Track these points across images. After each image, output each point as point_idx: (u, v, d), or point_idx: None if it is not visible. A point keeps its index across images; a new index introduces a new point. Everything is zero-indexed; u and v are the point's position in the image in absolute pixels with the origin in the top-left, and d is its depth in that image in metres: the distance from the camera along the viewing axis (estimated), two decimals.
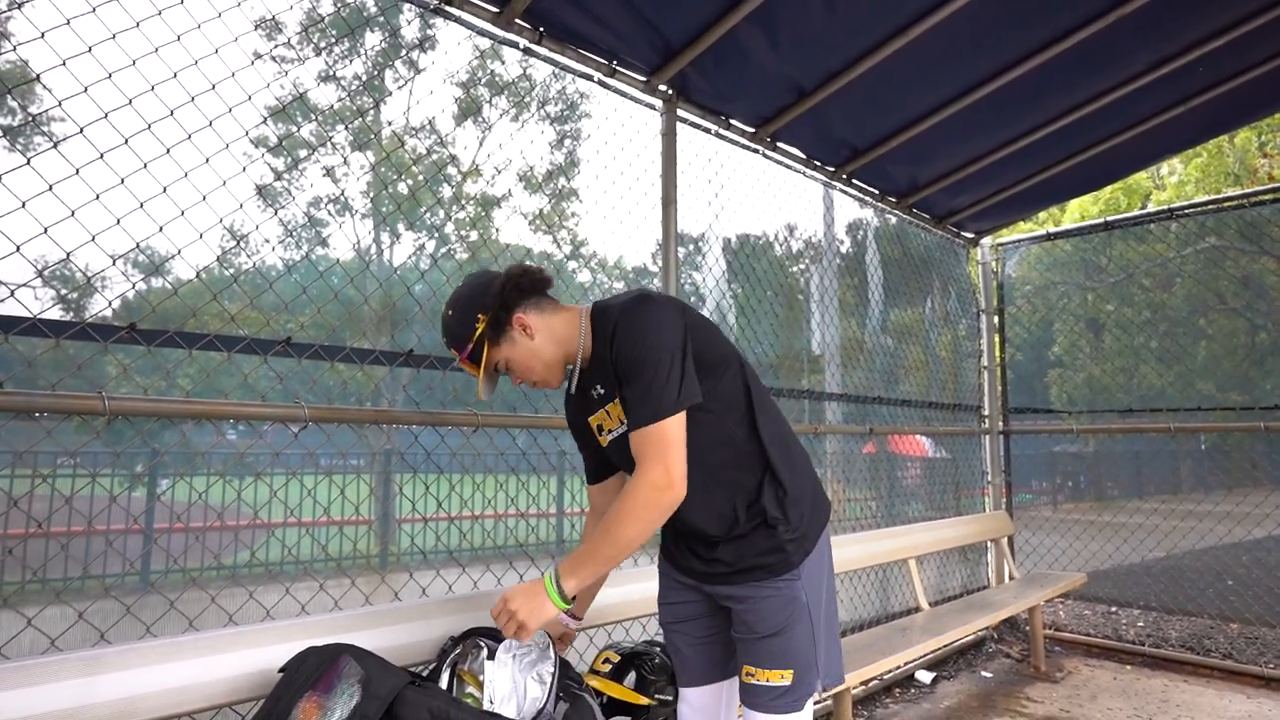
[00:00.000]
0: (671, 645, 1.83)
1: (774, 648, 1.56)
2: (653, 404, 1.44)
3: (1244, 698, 3.78)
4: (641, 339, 1.47)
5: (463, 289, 1.63)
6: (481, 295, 1.58)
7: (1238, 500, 5.01)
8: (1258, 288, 8.03)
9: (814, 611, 1.59)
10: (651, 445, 1.44)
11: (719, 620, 1.74)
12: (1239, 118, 4.18)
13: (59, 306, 5.47)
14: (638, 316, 1.50)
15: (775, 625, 1.56)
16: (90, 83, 1.66)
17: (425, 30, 11.45)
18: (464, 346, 1.59)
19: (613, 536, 1.46)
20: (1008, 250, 5.48)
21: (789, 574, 1.57)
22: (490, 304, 1.57)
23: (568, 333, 1.62)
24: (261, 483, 5.98)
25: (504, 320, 1.58)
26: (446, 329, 1.62)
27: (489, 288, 1.59)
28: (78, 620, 1.71)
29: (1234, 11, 3.13)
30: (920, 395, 4.88)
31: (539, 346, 1.61)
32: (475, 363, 1.60)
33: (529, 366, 1.62)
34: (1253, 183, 12.77)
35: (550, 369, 1.64)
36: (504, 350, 1.60)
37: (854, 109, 3.44)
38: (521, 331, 1.59)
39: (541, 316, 1.62)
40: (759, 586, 1.58)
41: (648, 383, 1.45)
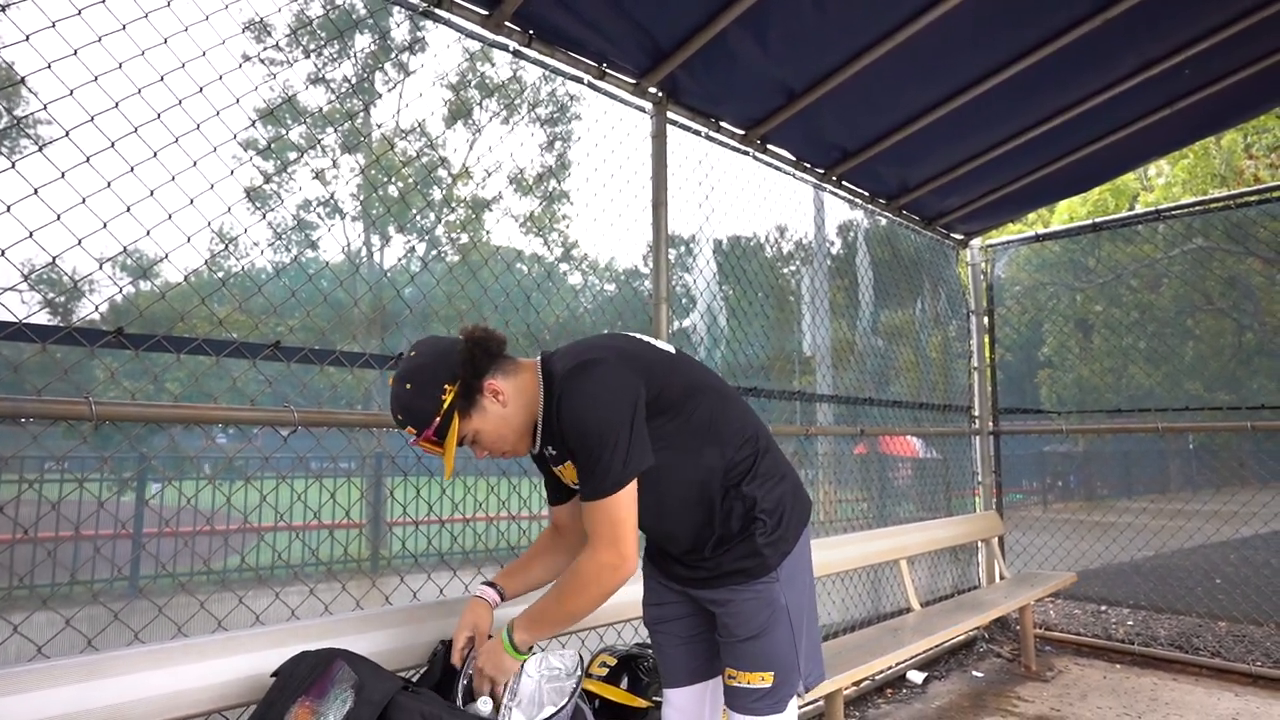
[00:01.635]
0: (656, 646, 1.83)
1: (754, 650, 1.56)
2: (599, 480, 1.41)
3: (1232, 695, 3.81)
4: (585, 415, 1.41)
5: (417, 358, 1.48)
6: (445, 362, 1.45)
7: (1225, 499, 5.06)
8: (1244, 288, 8.11)
9: (794, 613, 1.60)
10: (601, 524, 1.43)
11: (702, 621, 1.74)
12: (1225, 119, 4.23)
13: (46, 311, 5.43)
14: (582, 391, 1.42)
15: (755, 628, 1.56)
16: (76, 85, 1.65)
17: (415, 33, 11.43)
18: (428, 422, 1.44)
19: (564, 605, 1.50)
20: (997, 251, 5.51)
21: (766, 577, 1.57)
22: (459, 370, 1.45)
23: (533, 393, 1.53)
24: (251, 487, 5.94)
25: (475, 387, 1.47)
26: (403, 406, 1.45)
27: (451, 354, 1.46)
28: (65, 627, 1.70)
29: (1220, 14, 3.16)
30: (911, 396, 4.90)
31: (511, 414, 1.51)
32: (441, 439, 1.46)
33: (501, 436, 1.52)
34: (1239, 184, 12.89)
35: (521, 437, 1.55)
36: (474, 422, 1.48)
37: (844, 111, 3.46)
38: (494, 399, 1.49)
39: (508, 379, 1.52)
40: (738, 590, 1.58)
41: (594, 460, 1.40)
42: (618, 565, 1.44)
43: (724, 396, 1.62)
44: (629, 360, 1.50)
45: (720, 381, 1.67)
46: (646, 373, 1.49)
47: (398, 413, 1.47)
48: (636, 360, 1.51)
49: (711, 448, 1.56)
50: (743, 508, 1.57)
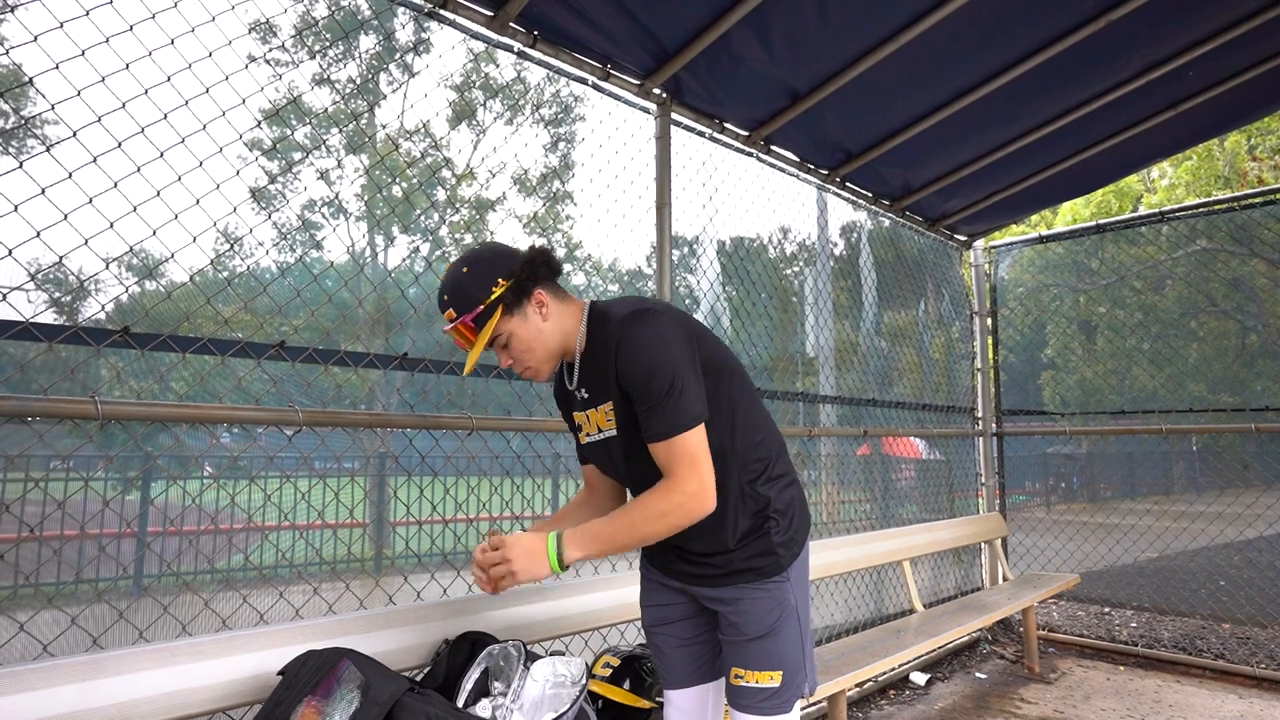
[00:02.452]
0: (654, 647, 1.80)
1: (763, 649, 1.55)
2: (676, 416, 1.42)
3: (1236, 698, 3.80)
4: (650, 355, 1.43)
5: (479, 251, 1.53)
6: (506, 260, 1.51)
7: (1229, 501, 5.05)
8: (1248, 290, 8.08)
9: (801, 615, 1.59)
10: (682, 457, 1.42)
11: (704, 622, 1.72)
12: (1229, 122, 4.21)
13: (52, 310, 5.43)
14: (643, 333, 1.45)
15: (764, 627, 1.55)
16: (83, 86, 1.66)
17: (419, 33, 11.45)
18: (471, 307, 1.47)
19: (635, 529, 1.44)
20: (1000, 253, 5.51)
21: (778, 576, 1.57)
22: (516, 270, 1.50)
23: (572, 326, 1.57)
24: (255, 486, 5.96)
25: (527, 291, 1.51)
26: (453, 285, 1.48)
27: (513, 256, 1.52)
28: (70, 625, 1.71)
29: (1223, 16, 3.15)
30: (914, 397, 4.90)
31: (548, 331, 1.54)
32: (478, 328, 1.48)
33: (530, 348, 1.54)
34: (1242, 186, 12.86)
35: (549, 358, 1.57)
36: (514, 323, 1.51)
37: (847, 113, 3.46)
38: (537, 309, 1.53)
39: (556, 301, 1.56)
40: (748, 589, 1.57)
41: (664, 396, 1.41)
42: (701, 494, 1.42)
43: (748, 387, 1.64)
44: (680, 320, 1.53)
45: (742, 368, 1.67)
46: (695, 336, 1.52)
47: (446, 291, 1.49)
48: (686, 322, 1.54)
49: (733, 430, 1.56)
50: (755, 505, 1.56)
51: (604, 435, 1.58)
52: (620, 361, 1.45)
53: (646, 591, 1.81)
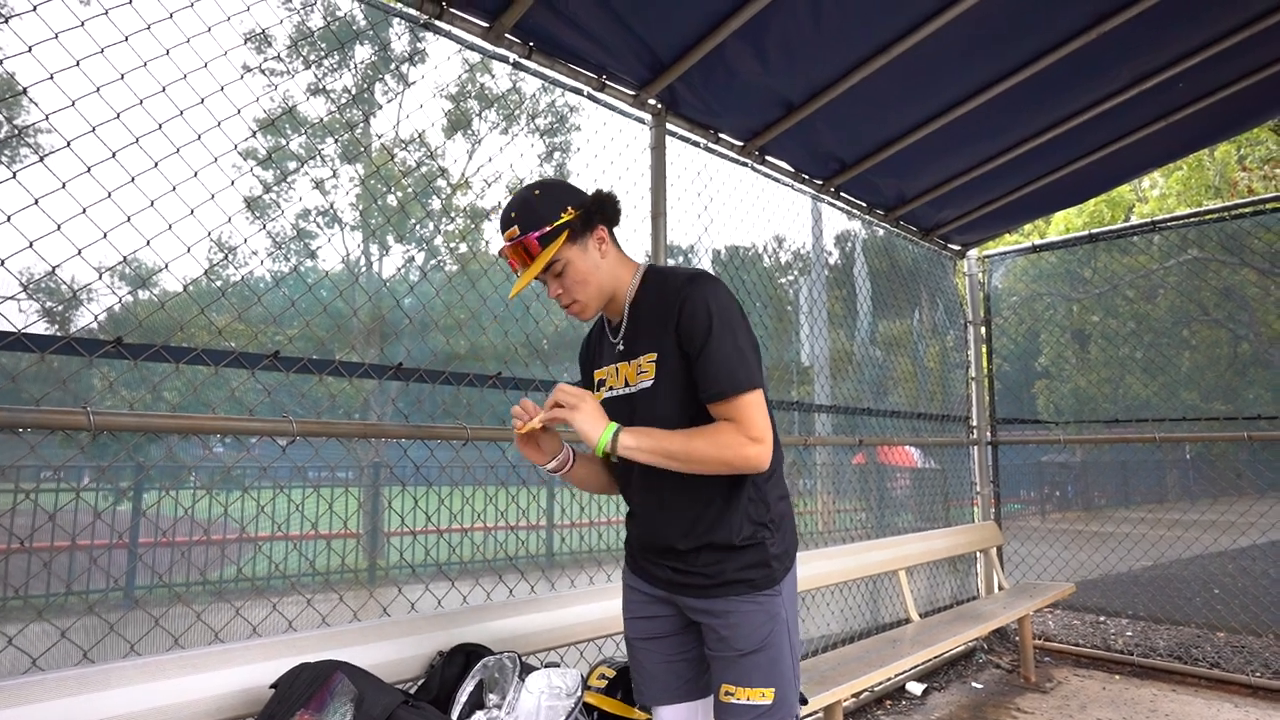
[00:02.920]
0: (635, 662, 1.71)
1: (755, 665, 1.50)
2: (747, 373, 1.43)
3: (1231, 706, 3.80)
4: (725, 311, 1.45)
5: (551, 179, 1.56)
6: (574, 192, 1.54)
7: (1223, 509, 5.06)
8: (1239, 299, 8.14)
9: (792, 631, 1.56)
10: (750, 410, 1.42)
11: (690, 638, 1.66)
12: (1219, 132, 4.25)
13: (44, 320, 5.41)
14: (717, 292, 1.48)
15: (756, 641, 1.50)
16: (78, 96, 1.66)
17: (415, 44, 11.49)
18: (538, 227, 1.47)
19: (691, 448, 1.42)
20: (994, 262, 5.53)
21: (770, 590, 1.53)
22: (586, 203, 1.52)
23: (625, 276, 1.59)
24: (248, 497, 5.93)
25: (592, 224, 1.53)
26: (523, 204, 1.49)
27: (581, 192, 1.55)
28: (60, 639, 1.69)
29: (1213, 28, 3.19)
30: (909, 406, 4.90)
31: (604, 269, 1.55)
32: (541, 247, 1.47)
33: (584, 281, 1.53)
34: (1233, 195, 12.97)
35: (599, 295, 1.56)
36: (574, 252, 1.51)
37: (841, 123, 3.48)
38: (598, 245, 1.54)
39: (614, 247, 1.59)
40: (739, 601, 1.52)
41: (734, 351, 1.43)
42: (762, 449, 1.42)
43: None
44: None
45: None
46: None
47: (513, 209, 1.49)
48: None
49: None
50: (758, 509, 1.54)
51: (631, 390, 1.56)
52: (689, 312, 1.45)
53: (630, 603, 1.73)
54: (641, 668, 1.69)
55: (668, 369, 1.51)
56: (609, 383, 1.62)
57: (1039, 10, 2.95)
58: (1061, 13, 2.99)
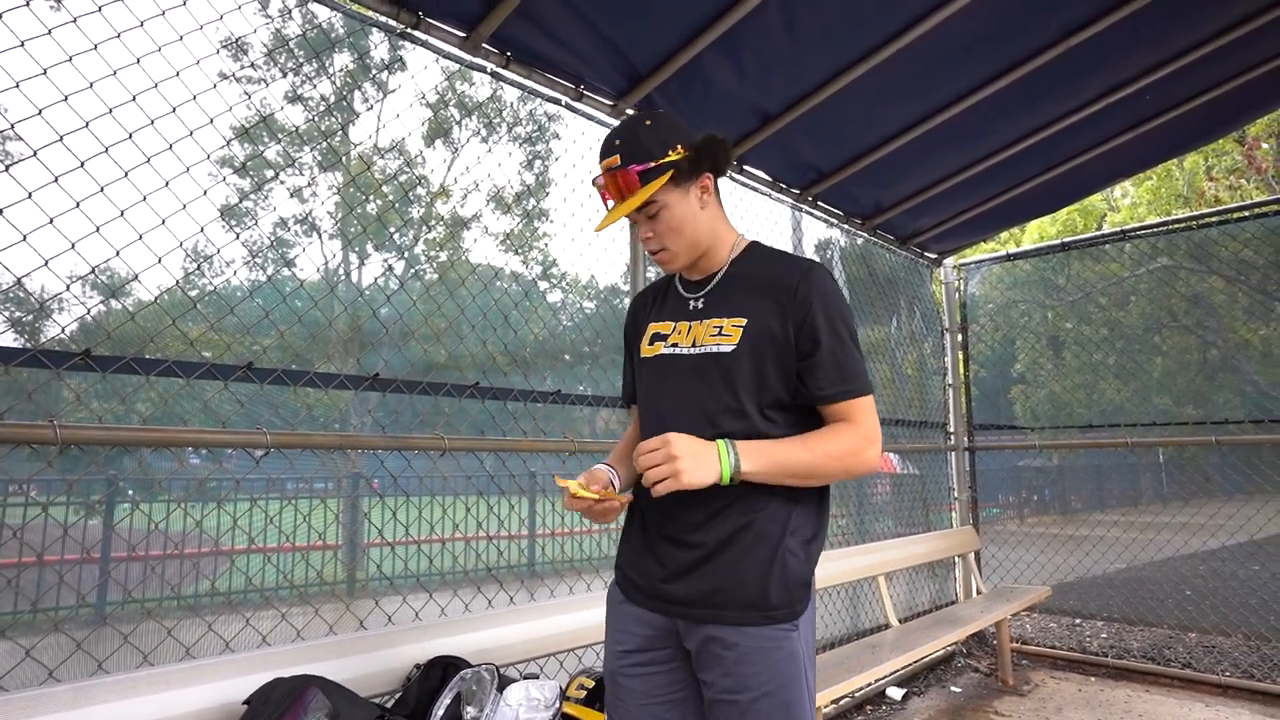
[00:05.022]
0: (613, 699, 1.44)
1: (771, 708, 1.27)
2: (863, 379, 1.37)
3: (1203, 706, 3.86)
4: (846, 309, 1.39)
5: (665, 114, 1.43)
6: (689, 132, 1.40)
7: (1193, 512, 5.15)
8: (1207, 306, 8.32)
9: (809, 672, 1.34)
10: (870, 411, 1.36)
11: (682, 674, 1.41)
12: (1186, 143, 4.35)
13: (11, 331, 5.30)
14: (837, 287, 1.40)
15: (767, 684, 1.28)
16: (45, 105, 1.63)
17: (393, 52, 11.46)
18: (642, 160, 1.34)
19: (814, 459, 1.31)
20: (970, 270, 5.61)
21: (788, 624, 1.31)
22: (698, 145, 1.38)
23: (724, 236, 1.48)
24: (223, 510, 5.84)
25: (700, 169, 1.39)
26: (630, 133, 1.37)
27: (696, 134, 1.40)
28: (25, 658, 1.65)
29: (1176, 43, 3.26)
30: (888, 413, 4.94)
31: (702, 220, 1.42)
32: (638, 184, 1.34)
33: (678, 230, 1.40)
34: (1200, 204, 13.26)
35: (691, 248, 1.44)
36: (676, 195, 1.38)
37: (818, 133, 3.51)
38: (701, 194, 1.42)
39: (717, 201, 1.48)
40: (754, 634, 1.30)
41: (855, 351, 1.38)
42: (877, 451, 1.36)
43: None
44: None
45: None
46: None
47: (619, 136, 1.38)
48: None
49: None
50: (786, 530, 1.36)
51: (698, 350, 1.40)
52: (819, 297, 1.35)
53: (619, 628, 1.46)
54: (621, 705, 1.42)
55: (755, 340, 1.36)
56: (671, 338, 1.45)
57: (1010, 24, 3.01)
58: (1032, 27, 3.05)
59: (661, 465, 1.22)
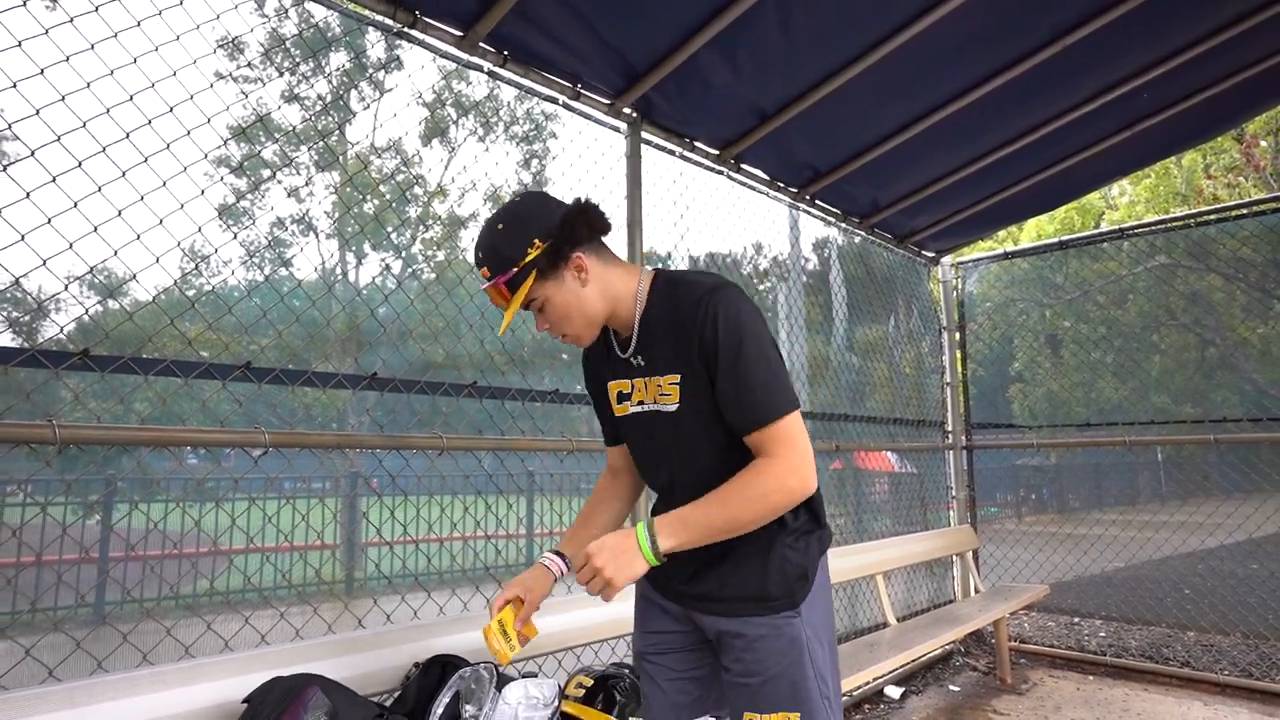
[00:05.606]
0: (645, 676, 1.64)
1: (776, 690, 1.40)
2: (777, 398, 1.33)
3: (1201, 704, 3.87)
4: (751, 331, 1.34)
5: (518, 205, 1.40)
6: (544, 217, 1.37)
7: (1192, 510, 5.16)
8: (1205, 304, 8.33)
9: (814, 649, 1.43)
10: (785, 437, 1.32)
11: (704, 656, 1.58)
12: (1183, 141, 4.35)
13: (9, 331, 5.29)
14: (742, 307, 1.36)
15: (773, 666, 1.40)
16: (42, 105, 1.63)
17: (390, 51, 11.45)
18: (505, 269, 1.34)
19: (731, 513, 1.32)
20: (967, 268, 5.61)
21: (789, 611, 1.42)
22: (554, 230, 1.36)
23: (624, 291, 1.45)
24: (221, 510, 5.84)
25: (563, 253, 1.38)
26: (488, 244, 1.37)
27: (552, 212, 1.38)
28: (24, 657, 1.65)
29: (1171, 42, 3.27)
30: (885, 412, 4.95)
31: (589, 297, 1.42)
32: (511, 291, 1.36)
33: (568, 316, 1.42)
34: (1199, 202, 13.27)
35: (590, 325, 1.44)
36: (549, 288, 1.38)
37: (815, 132, 3.51)
38: (576, 274, 1.40)
39: (600, 265, 1.44)
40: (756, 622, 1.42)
41: (767, 376, 1.33)
42: (804, 473, 1.33)
43: None
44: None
45: None
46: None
47: (480, 249, 1.39)
48: None
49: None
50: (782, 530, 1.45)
51: (658, 408, 1.45)
52: (714, 331, 1.34)
53: (645, 615, 1.64)
54: (652, 683, 1.61)
55: (691, 393, 1.41)
56: (635, 396, 1.49)
57: (1004, 24, 3.01)
58: (1026, 27, 3.05)
59: (593, 580, 1.30)
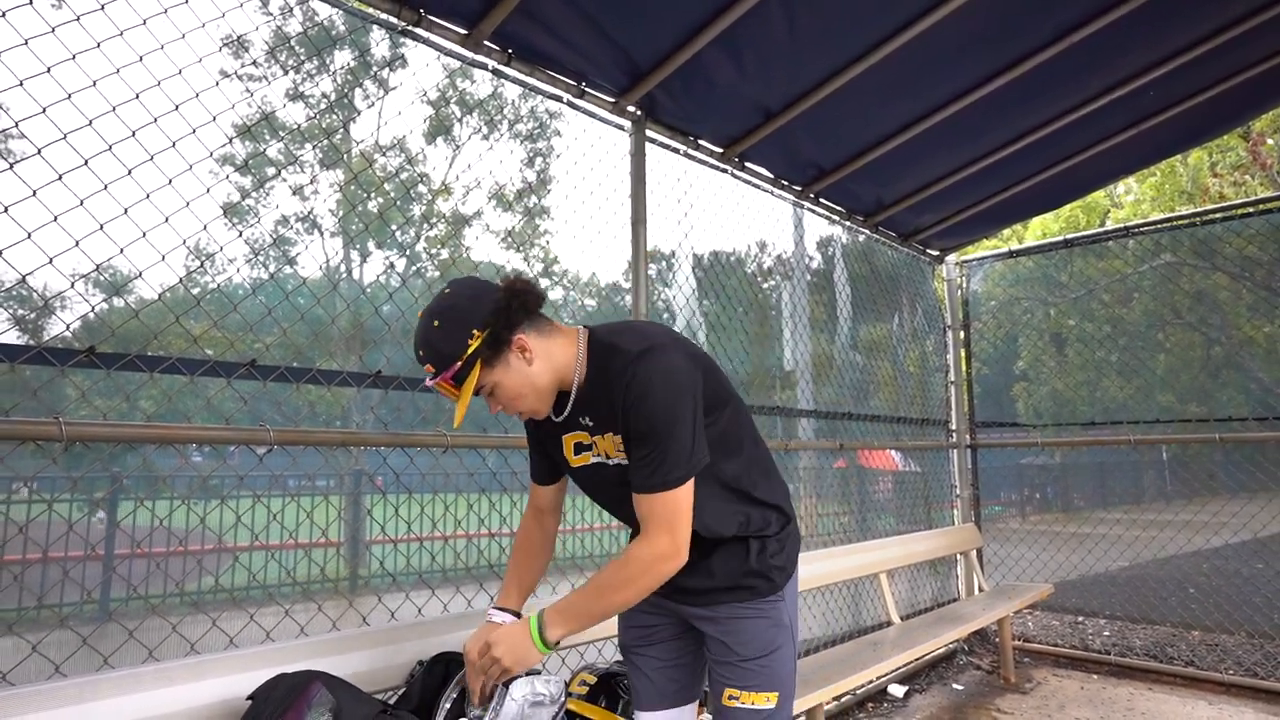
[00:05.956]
0: (632, 667, 1.74)
1: (760, 670, 1.52)
2: (669, 470, 1.35)
3: (1205, 704, 3.86)
4: (660, 402, 1.35)
5: (450, 297, 1.40)
6: (477, 307, 1.37)
7: (1197, 509, 5.15)
8: (1211, 303, 8.30)
9: (794, 636, 1.58)
10: (660, 514, 1.37)
11: (688, 643, 1.69)
12: (1189, 139, 4.34)
13: (15, 329, 5.32)
14: (656, 376, 1.36)
15: (761, 647, 1.52)
16: (49, 103, 1.64)
17: (395, 49, 11.46)
18: (448, 365, 1.36)
19: (606, 598, 1.41)
20: (972, 267, 5.60)
21: (774, 595, 1.55)
22: (490, 319, 1.37)
23: (565, 359, 1.46)
24: (226, 507, 5.85)
25: (504, 340, 1.39)
26: (427, 343, 1.38)
27: (484, 299, 1.38)
28: (31, 653, 1.66)
29: (1177, 40, 3.25)
30: (890, 410, 4.94)
31: (536, 373, 1.43)
32: (457, 385, 1.38)
33: (520, 394, 1.44)
34: (1205, 201, 13.22)
35: (542, 398, 1.47)
36: (497, 373, 1.40)
37: (819, 130, 3.51)
38: (520, 355, 1.41)
39: (541, 339, 1.44)
40: (742, 608, 1.54)
41: (665, 448, 1.35)
42: (672, 555, 1.38)
43: (740, 410, 1.58)
44: (691, 353, 1.46)
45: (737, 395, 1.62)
46: (702, 370, 1.46)
47: (420, 348, 1.39)
48: (695, 355, 1.47)
49: (731, 461, 1.52)
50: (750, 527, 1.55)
51: (619, 462, 1.49)
52: (629, 398, 1.37)
53: (630, 610, 1.72)
54: (639, 673, 1.72)
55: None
56: (595, 449, 1.52)
57: (1008, 23, 3.00)
58: (1029, 26, 3.04)
59: (491, 670, 1.44)
